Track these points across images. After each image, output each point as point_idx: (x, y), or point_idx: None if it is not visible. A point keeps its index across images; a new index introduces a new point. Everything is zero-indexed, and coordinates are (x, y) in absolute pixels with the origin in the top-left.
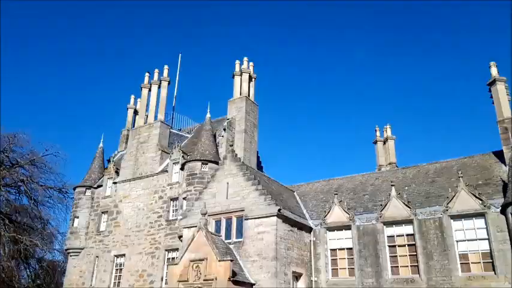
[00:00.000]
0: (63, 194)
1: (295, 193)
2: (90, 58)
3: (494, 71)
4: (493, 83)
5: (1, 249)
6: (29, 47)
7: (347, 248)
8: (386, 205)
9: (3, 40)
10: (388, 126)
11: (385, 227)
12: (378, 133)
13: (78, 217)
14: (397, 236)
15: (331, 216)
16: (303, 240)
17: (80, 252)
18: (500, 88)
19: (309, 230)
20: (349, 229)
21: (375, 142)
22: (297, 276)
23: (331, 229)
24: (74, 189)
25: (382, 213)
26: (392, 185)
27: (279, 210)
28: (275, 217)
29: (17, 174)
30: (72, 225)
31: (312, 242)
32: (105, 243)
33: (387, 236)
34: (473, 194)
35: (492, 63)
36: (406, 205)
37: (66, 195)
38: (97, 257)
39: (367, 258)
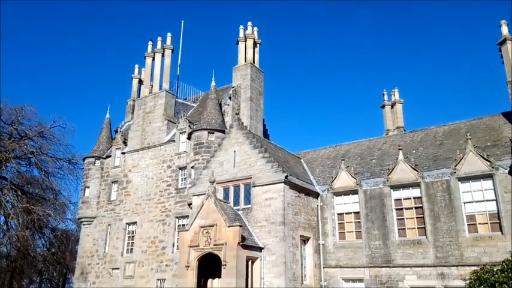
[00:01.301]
0: (73, 165)
1: (302, 160)
2: (94, 27)
3: (505, 30)
4: (504, 42)
5: (15, 219)
6: (31, 18)
7: (354, 212)
8: (393, 169)
9: (4, 11)
10: (396, 90)
11: (392, 190)
12: (385, 97)
13: (89, 187)
14: (404, 199)
15: (338, 182)
16: (310, 206)
17: (92, 221)
18: (511, 48)
19: (316, 195)
20: (356, 194)
21: (383, 106)
22: (304, 240)
23: (338, 194)
24: (84, 159)
25: (389, 177)
26: (399, 149)
27: (286, 177)
28: (282, 184)
29: (26, 146)
30: (84, 195)
31: (319, 207)
32: (117, 211)
33: (394, 200)
34: (481, 156)
35: (503, 21)
36: (414, 168)
37: (76, 166)
38: (109, 225)
39: (374, 221)
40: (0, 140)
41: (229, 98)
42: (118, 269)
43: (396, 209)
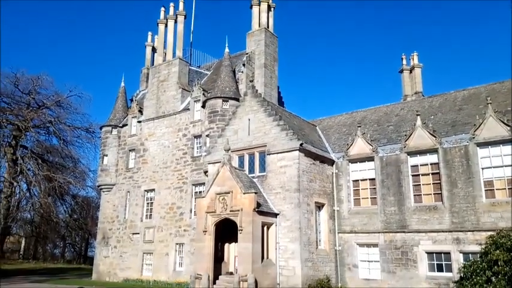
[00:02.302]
0: (90, 134)
1: (317, 127)
2: None
3: None
4: None
5: (37, 187)
6: None
7: (369, 179)
8: (411, 135)
9: None
10: (415, 54)
11: (408, 156)
12: (404, 61)
13: (107, 155)
14: (421, 165)
15: (354, 149)
16: (325, 173)
17: (111, 188)
18: None
19: (331, 162)
20: (372, 160)
21: (401, 71)
22: (319, 206)
23: (353, 161)
24: (101, 128)
25: (406, 143)
26: (417, 115)
27: (301, 144)
28: (297, 151)
29: (44, 115)
30: (102, 163)
31: (334, 174)
32: (135, 179)
33: (411, 166)
34: (501, 121)
35: None
36: (432, 134)
37: (93, 134)
38: (128, 192)
39: (390, 187)
40: (18, 109)
41: (243, 64)
42: (138, 233)
43: (412, 175)
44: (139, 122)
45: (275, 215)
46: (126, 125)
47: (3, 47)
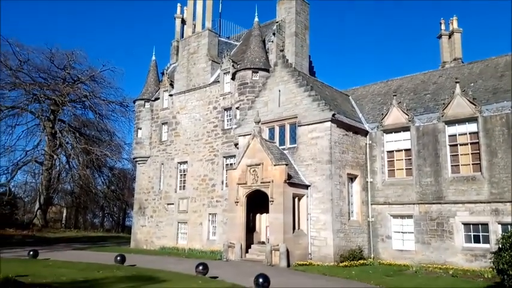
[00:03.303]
0: (124, 108)
1: (350, 97)
2: None
3: None
4: None
5: (75, 159)
6: None
7: (405, 150)
8: (449, 103)
9: None
10: (454, 19)
11: (446, 126)
12: (443, 26)
13: (141, 128)
14: (459, 134)
15: (389, 119)
16: (358, 144)
17: (146, 161)
18: None
19: (364, 133)
20: (408, 130)
21: (440, 37)
22: (352, 178)
23: (388, 131)
24: (134, 102)
25: (444, 112)
26: (456, 82)
27: (333, 115)
28: (329, 122)
29: (79, 90)
30: (137, 136)
31: (367, 145)
32: (168, 151)
33: (448, 135)
34: None
35: None
36: (471, 102)
37: (127, 108)
38: (162, 164)
39: (426, 158)
40: (55, 84)
41: (273, 34)
42: (172, 204)
43: (450, 145)
44: (170, 95)
45: (306, 186)
46: (158, 98)
47: (37, 21)
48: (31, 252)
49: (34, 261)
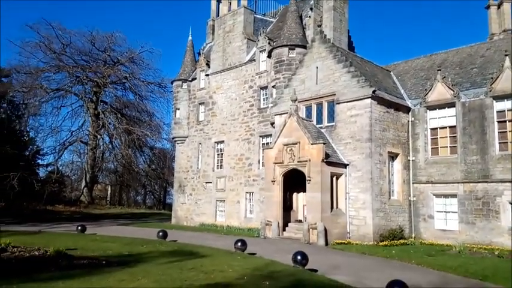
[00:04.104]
0: (162, 88)
1: (391, 73)
2: None
3: None
4: None
5: (118, 139)
6: None
7: (449, 127)
8: (498, 78)
9: None
10: None
11: (494, 101)
12: None
13: (179, 109)
14: (508, 110)
15: (433, 94)
16: (400, 121)
17: (184, 140)
18: None
19: (406, 110)
20: (453, 106)
21: (488, 7)
22: (392, 156)
23: (431, 108)
24: (172, 83)
25: (492, 86)
26: (506, 55)
27: (374, 91)
28: (369, 99)
29: (120, 71)
30: (175, 116)
31: (410, 122)
32: (205, 131)
33: (496, 111)
34: None
35: None
36: None
37: (165, 89)
38: (200, 143)
39: (472, 135)
40: (96, 66)
41: (311, 9)
42: (211, 182)
43: (498, 122)
44: (207, 75)
45: (345, 165)
46: (195, 78)
47: (75, 4)
48: (79, 227)
49: (82, 235)
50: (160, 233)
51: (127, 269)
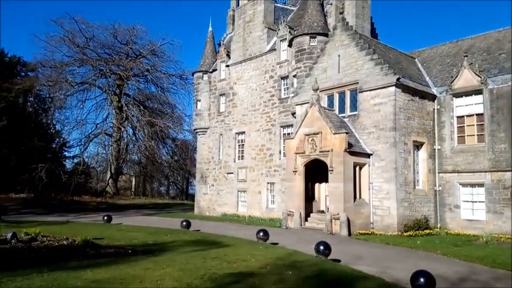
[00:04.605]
0: (183, 80)
1: (416, 60)
2: None
3: None
4: None
5: (141, 131)
6: None
7: (476, 114)
8: None
9: None
10: None
11: None
12: None
13: (200, 100)
14: None
15: (459, 81)
16: (425, 109)
17: (206, 131)
18: None
19: (432, 98)
20: (480, 93)
21: None
22: (417, 145)
23: (458, 95)
24: (192, 74)
25: None
26: None
27: (398, 79)
28: (393, 87)
29: (142, 64)
30: (196, 107)
31: (435, 110)
32: (226, 122)
33: None
34: None
35: None
36: None
37: (186, 81)
38: (221, 134)
39: (500, 123)
40: (119, 59)
41: None
42: (232, 173)
43: None
44: (227, 66)
45: (368, 155)
46: (216, 70)
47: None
48: (105, 217)
49: (108, 225)
50: (184, 223)
51: (152, 257)
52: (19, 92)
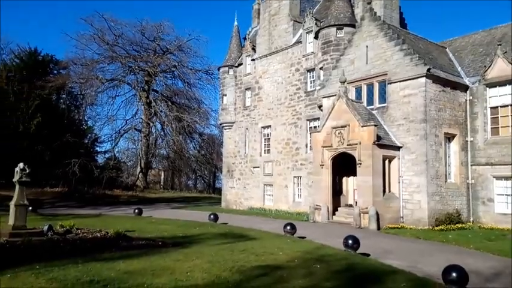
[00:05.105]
0: (209, 75)
1: (447, 49)
2: None
3: None
4: None
5: (169, 126)
6: None
7: (511, 105)
8: None
9: None
10: None
11: None
12: None
13: (226, 95)
14: None
15: (493, 71)
16: (457, 100)
17: (232, 126)
18: None
19: (464, 88)
20: None
21: None
22: (449, 138)
23: (491, 85)
24: (218, 69)
25: None
26: None
27: (428, 70)
28: (423, 78)
29: (169, 60)
30: (222, 102)
31: (467, 101)
32: (252, 116)
33: None
34: None
35: None
36: None
37: (212, 76)
38: (247, 129)
39: None
40: (147, 56)
41: None
42: (258, 167)
43: None
44: (252, 60)
45: (397, 148)
46: (241, 64)
47: None
48: (136, 211)
49: (139, 218)
50: (212, 216)
51: (182, 249)
52: (52, 89)
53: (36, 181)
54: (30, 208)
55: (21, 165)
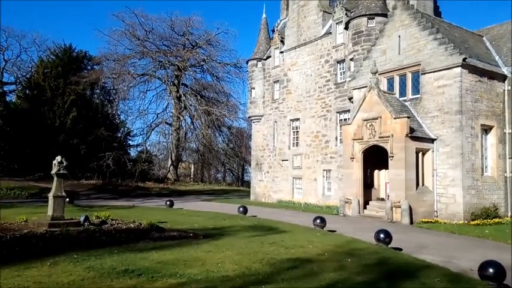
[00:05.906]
0: (238, 69)
1: (484, 38)
2: None
3: None
4: None
5: (198, 120)
6: None
7: None
8: None
9: None
10: None
11: None
12: None
13: (254, 88)
14: None
15: None
16: (494, 91)
17: (260, 119)
18: None
19: (502, 78)
20: None
21: None
22: (486, 129)
23: None
24: (247, 62)
25: None
26: None
27: (464, 59)
28: (459, 68)
29: (198, 54)
30: (251, 95)
31: (506, 91)
32: (281, 109)
33: None
34: None
35: None
36: None
37: (240, 69)
38: (275, 122)
39: None
40: (177, 50)
41: None
42: (287, 160)
43: None
44: (281, 52)
45: (431, 140)
46: (270, 57)
47: None
48: (167, 202)
49: (170, 210)
50: (241, 209)
51: (212, 241)
52: (86, 84)
53: (73, 174)
54: (68, 199)
55: (58, 158)
